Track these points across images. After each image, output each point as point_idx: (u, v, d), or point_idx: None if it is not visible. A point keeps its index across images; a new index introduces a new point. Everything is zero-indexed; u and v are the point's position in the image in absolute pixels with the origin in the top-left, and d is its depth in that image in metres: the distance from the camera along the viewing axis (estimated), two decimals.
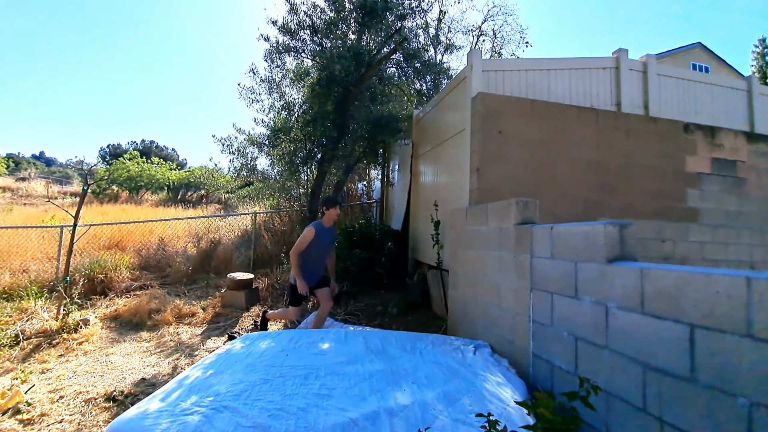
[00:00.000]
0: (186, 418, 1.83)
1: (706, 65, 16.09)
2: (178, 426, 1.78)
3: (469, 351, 2.75)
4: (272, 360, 2.49)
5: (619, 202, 4.41)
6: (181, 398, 2.03)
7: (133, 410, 1.97)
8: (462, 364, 2.51)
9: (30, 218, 10.55)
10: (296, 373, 2.29)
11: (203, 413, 1.87)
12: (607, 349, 1.84)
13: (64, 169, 34.92)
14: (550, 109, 4.27)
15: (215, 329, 4.81)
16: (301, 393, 2.07)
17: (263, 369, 2.35)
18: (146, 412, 1.91)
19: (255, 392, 2.06)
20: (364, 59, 5.46)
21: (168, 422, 1.81)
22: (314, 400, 2.00)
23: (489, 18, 12.12)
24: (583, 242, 2.06)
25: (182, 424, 1.78)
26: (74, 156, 67.65)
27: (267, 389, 2.10)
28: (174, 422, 1.80)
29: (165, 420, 1.82)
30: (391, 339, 2.94)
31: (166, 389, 2.19)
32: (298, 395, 2.04)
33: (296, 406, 1.93)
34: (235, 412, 1.88)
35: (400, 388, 2.15)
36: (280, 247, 7.63)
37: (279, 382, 2.17)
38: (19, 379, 3.42)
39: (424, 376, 2.30)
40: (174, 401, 2.00)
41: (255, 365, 2.41)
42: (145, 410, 1.94)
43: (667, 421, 1.52)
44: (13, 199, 16.99)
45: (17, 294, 5.60)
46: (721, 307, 1.36)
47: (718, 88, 5.20)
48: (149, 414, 1.89)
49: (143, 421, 1.84)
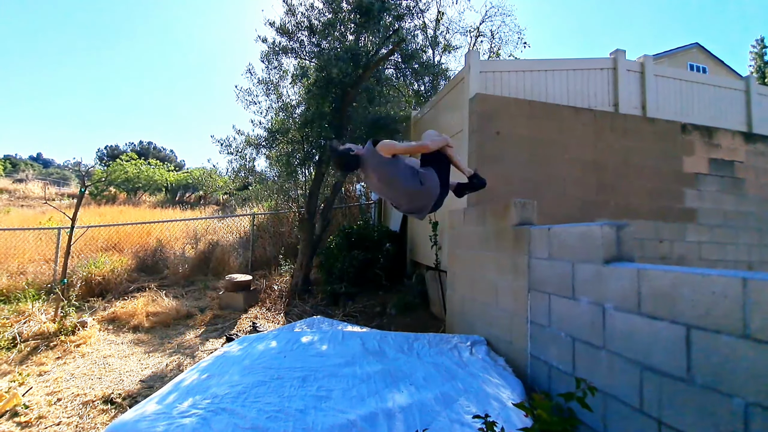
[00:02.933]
0: (183, 421, 1.82)
1: (704, 66, 16.14)
2: (175, 428, 1.77)
3: (466, 350, 2.76)
4: (270, 362, 2.48)
5: (617, 203, 4.42)
6: (178, 400, 2.03)
7: (131, 413, 1.97)
8: (459, 365, 2.52)
9: (27, 220, 10.51)
10: (294, 375, 2.29)
11: (200, 415, 1.87)
12: (604, 350, 1.84)
13: (61, 170, 34.84)
14: (548, 110, 4.28)
15: (213, 331, 4.80)
16: (299, 395, 2.07)
17: (261, 371, 2.34)
18: (144, 414, 1.91)
19: (253, 394, 2.06)
20: (362, 60, 5.46)
21: (165, 425, 1.80)
22: (312, 401, 2.00)
23: (487, 18, 12.16)
24: (580, 243, 2.06)
25: (179, 427, 1.78)
26: (72, 157, 67.47)
27: (265, 391, 2.10)
28: (171, 425, 1.80)
29: (162, 422, 1.82)
30: (388, 340, 2.94)
31: (164, 391, 2.19)
32: (296, 397, 2.04)
33: (294, 407, 1.93)
34: (232, 414, 1.87)
35: (398, 389, 2.15)
36: (278, 248, 7.62)
37: (277, 384, 2.17)
38: (16, 382, 3.40)
39: (422, 378, 2.30)
40: (171, 403, 2.00)
41: (252, 367, 2.41)
42: (143, 412, 1.93)
43: (664, 422, 1.53)
44: (11, 200, 16.93)
45: (15, 296, 5.57)
46: (718, 308, 1.37)
47: (716, 88, 5.22)
48: (146, 416, 1.89)
49: (140, 424, 1.84)
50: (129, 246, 7.69)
